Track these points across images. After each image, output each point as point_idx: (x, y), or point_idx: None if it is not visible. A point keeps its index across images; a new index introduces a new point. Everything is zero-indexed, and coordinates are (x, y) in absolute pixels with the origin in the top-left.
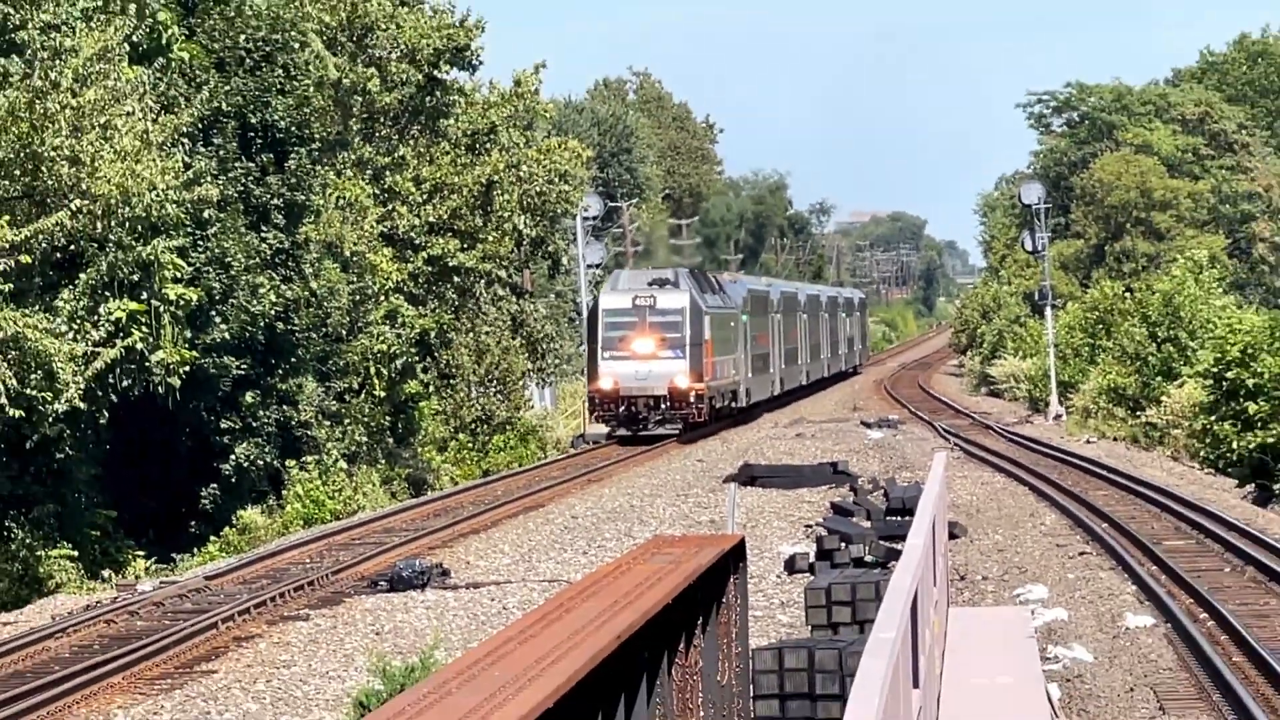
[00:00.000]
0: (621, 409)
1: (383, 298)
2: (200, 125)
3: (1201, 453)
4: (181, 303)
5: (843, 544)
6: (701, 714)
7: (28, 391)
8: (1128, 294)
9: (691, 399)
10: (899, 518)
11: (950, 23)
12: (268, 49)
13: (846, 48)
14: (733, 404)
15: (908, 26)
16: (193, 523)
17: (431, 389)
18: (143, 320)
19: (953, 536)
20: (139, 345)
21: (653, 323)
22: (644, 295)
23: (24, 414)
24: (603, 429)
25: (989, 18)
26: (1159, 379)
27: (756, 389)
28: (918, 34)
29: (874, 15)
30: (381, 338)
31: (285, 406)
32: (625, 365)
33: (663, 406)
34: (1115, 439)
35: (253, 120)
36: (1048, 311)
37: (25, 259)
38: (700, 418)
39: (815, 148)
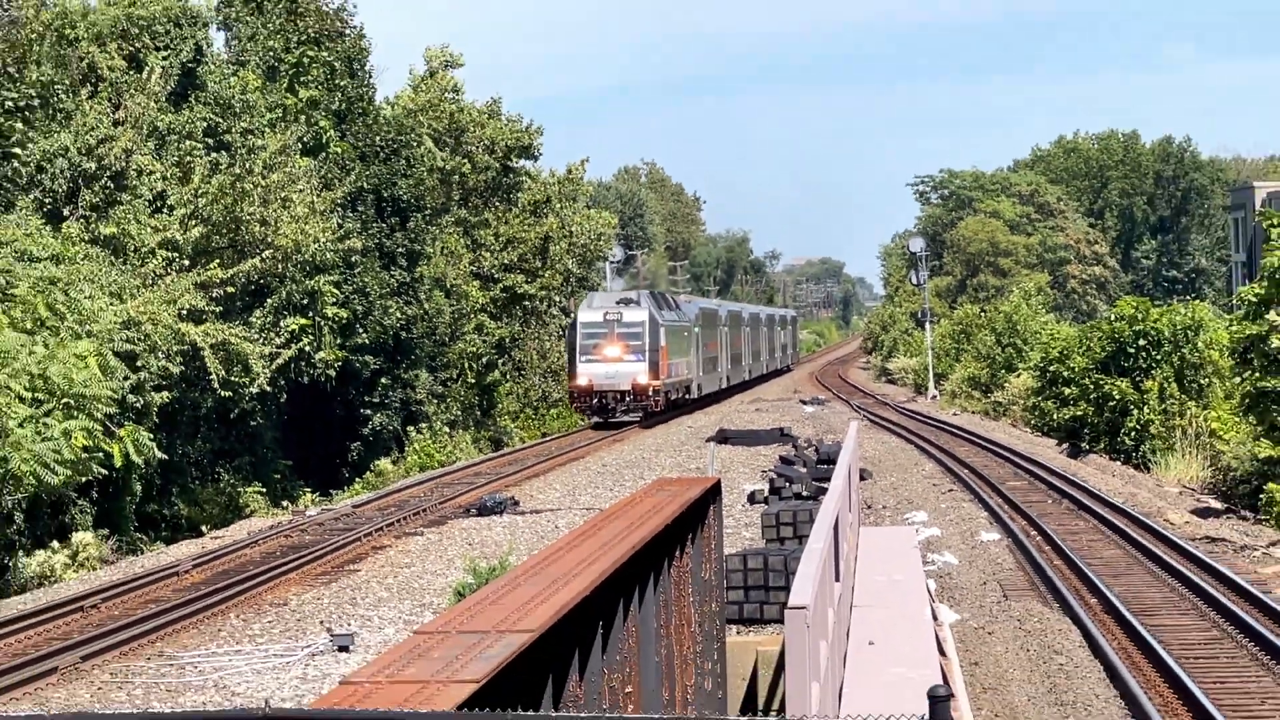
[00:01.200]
0: (595, 401)
1: (473, 315)
2: (348, 198)
3: (1032, 421)
4: (336, 319)
5: (787, 483)
6: (691, 600)
7: (232, 379)
8: (982, 313)
9: (650, 393)
10: (826, 466)
11: (865, 119)
12: (394, 145)
13: (790, 142)
14: (686, 396)
15: (838, 121)
16: (343, 470)
17: (507, 378)
18: (309, 331)
19: (862, 479)
20: (307, 348)
21: (620, 333)
22: (613, 311)
23: (230, 394)
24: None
25: (891, 114)
26: (1003, 371)
27: (707, 384)
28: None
29: (817, 115)
30: (472, 343)
31: (407, 389)
32: (598, 367)
33: (628, 399)
34: (973, 413)
35: (384, 195)
36: (927, 325)
37: (230, 290)
38: (657, 407)
39: (769, 210)
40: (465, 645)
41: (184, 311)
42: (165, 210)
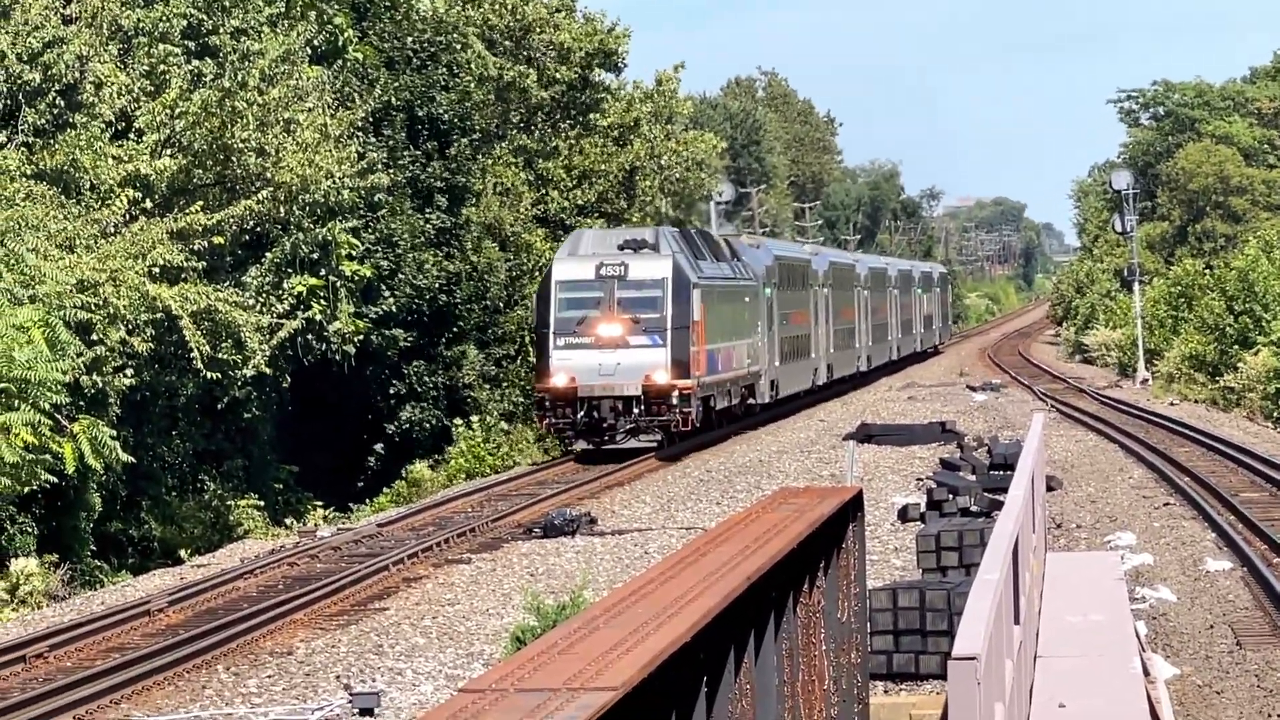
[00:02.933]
0: (580, 414)
1: (537, 273)
2: (372, 119)
3: (1275, 413)
4: (355, 279)
5: (950, 495)
6: (823, 648)
7: (219, 358)
8: (1207, 271)
9: (674, 400)
10: (1001, 472)
11: (1048, 27)
12: (432, 49)
13: (953, 48)
14: (749, 400)
15: (1011, 27)
16: (361, 478)
17: None
18: (320, 295)
19: (1050, 489)
20: (317, 317)
21: (623, 298)
22: (612, 262)
23: (217, 378)
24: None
25: (1083, 19)
26: (1236, 347)
27: (789, 380)
28: (1019, 34)
29: (980, 22)
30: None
31: (448, 372)
32: (585, 356)
33: (635, 411)
34: (1196, 401)
35: (419, 113)
36: (1135, 286)
37: (217, 240)
38: (687, 425)
39: (926, 135)
40: (526, 708)
41: (156, 269)
42: (132, 136)
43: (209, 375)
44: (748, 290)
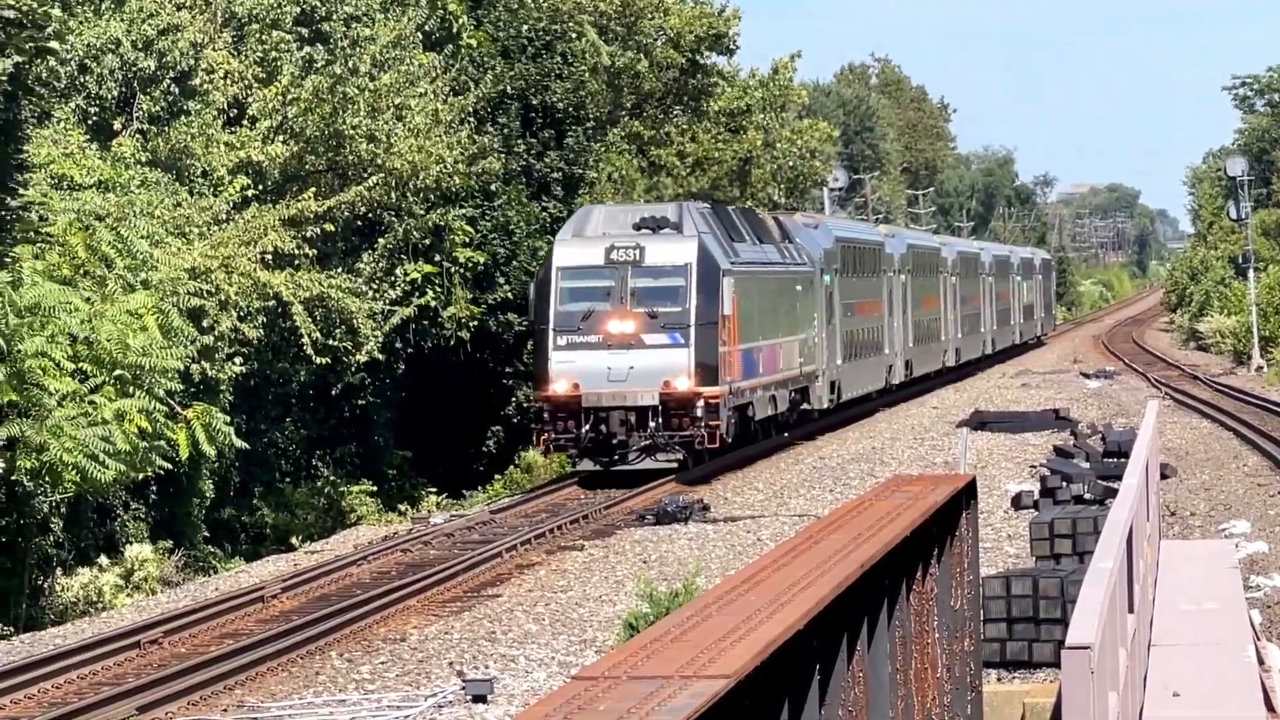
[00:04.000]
0: (586, 429)
1: None
2: (486, 106)
3: None
4: (469, 265)
5: (1064, 483)
6: (936, 635)
7: (331, 344)
8: None
9: (699, 410)
10: (1115, 459)
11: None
12: (547, 38)
13: (1066, 32)
14: (803, 406)
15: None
16: (478, 464)
17: None
18: (434, 282)
19: (1163, 476)
20: (431, 304)
21: (638, 288)
22: (625, 245)
23: (330, 365)
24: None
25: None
26: None
27: (854, 380)
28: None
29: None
30: None
31: None
32: (592, 358)
33: (651, 424)
34: None
35: (534, 102)
36: (1250, 273)
37: (329, 227)
38: (715, 441)
39: (1039, 122)
40: (639, 696)
41: (268, 256)
42: (244, 123)
43: (321, 362)
44: (799, 277)
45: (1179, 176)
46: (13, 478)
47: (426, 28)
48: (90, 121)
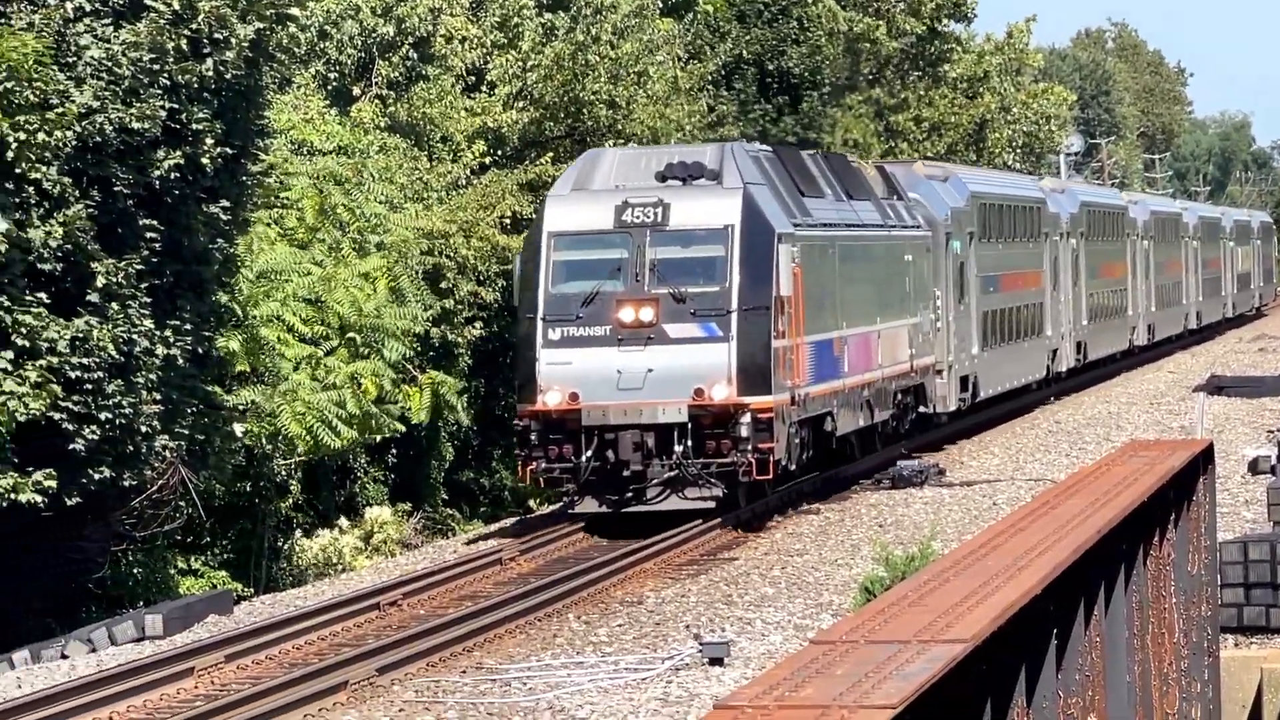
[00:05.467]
0: (588, 454)
1: None
2: (723, 72)
3: None
4: None
5: None
6: (1173, 600)
7: None
8: None
9: (744, 429)
10: None
11: None
12: (784, 3)
13: None
14: (920, 409)
15: None
16: None
17: None
18: None
19: None
20: None
21: (660, 261)
22: (643, 201)
23: None
24: None
25: None
26: None
27: (997, 373)
28: None
29: None
30: None
31: None
32: (596, 358)
33: (678, 449)
34: None
35: (770, 67)
36: None
37: None
38: (768, 471)
39: (1278, 88)
40: (877, 660)
41: (506, 220)
42: (483, 89)
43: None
44: (909, 244)
45: None
46: (247, 443)
47: None
48: (330, 87)
